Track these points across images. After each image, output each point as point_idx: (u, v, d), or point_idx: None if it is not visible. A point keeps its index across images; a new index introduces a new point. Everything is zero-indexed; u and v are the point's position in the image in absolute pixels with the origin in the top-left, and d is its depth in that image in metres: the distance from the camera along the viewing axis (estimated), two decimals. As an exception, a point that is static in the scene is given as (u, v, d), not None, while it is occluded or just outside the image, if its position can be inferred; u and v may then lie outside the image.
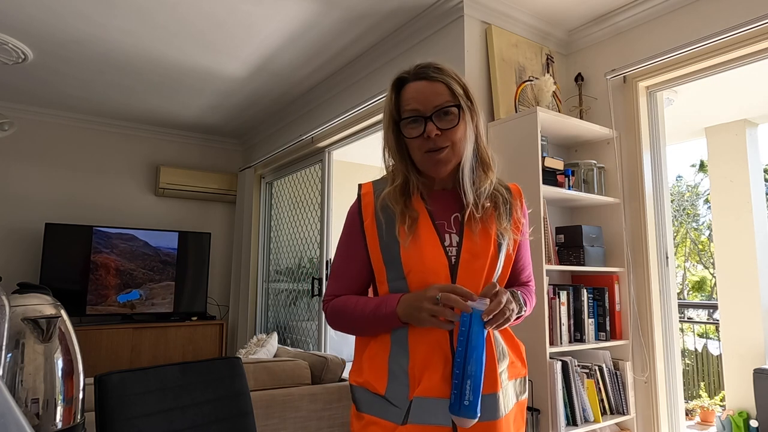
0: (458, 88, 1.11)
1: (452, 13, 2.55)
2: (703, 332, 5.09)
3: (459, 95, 1.11)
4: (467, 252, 1.11)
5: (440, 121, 1.09)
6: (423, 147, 1.10)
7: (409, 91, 1.12)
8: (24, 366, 1.04)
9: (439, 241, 1.11)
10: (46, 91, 3.84)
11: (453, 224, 1.15)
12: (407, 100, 1.12)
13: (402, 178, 1.14)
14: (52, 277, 3.94)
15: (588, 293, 2.39)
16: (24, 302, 1.09)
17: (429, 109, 1.09)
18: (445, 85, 1.11)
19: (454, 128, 1.10)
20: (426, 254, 1.09)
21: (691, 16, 2.36)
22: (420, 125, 1.10)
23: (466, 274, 1.10)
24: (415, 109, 1.10)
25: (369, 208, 1.16)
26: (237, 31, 2.90)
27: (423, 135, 1.09)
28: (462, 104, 1.11)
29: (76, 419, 1.12)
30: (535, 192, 2.20)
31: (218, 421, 1.50)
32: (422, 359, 1.07)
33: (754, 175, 3.95)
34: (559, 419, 2.09)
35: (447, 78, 1.11)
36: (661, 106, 2.62)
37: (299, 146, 3.94)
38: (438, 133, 1.09)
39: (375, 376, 1.11)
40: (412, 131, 1.11)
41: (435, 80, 1.11)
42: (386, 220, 1.13)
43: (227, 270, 5.01)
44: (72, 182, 4.39)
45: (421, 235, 1.10)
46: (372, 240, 1.14)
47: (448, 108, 1.10)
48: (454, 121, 1.10)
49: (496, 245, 1.13)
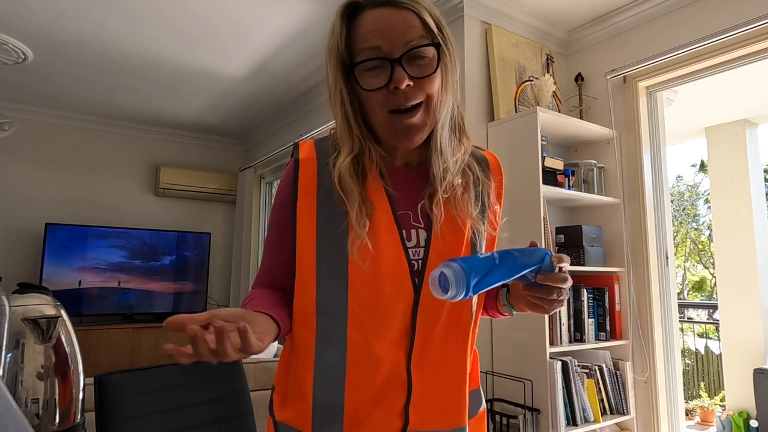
0: (431, 21, 0.80)
1: (452, 13, 2.55)
2: (703, 332, 5.09)
3: (434, 31, 0.80)
4: (437, 254, 0.83)
5: (411, 67, 0.78)
6: (388, 104, 0.79)
7: (368, 20, 0.79)
8: (24, 366, 1.04)
9: (399, 239, 0.82)
10: (46, 91, 3.84)
11: (420, 216, 0.85)
12: (365, 34, 0.79)
13: (356, 147, 0.82)
14: (52, 277, 3.93)
15: (588, 293, 2.39)
16: (24, 302, 1.09)
17: (397, 48, 0.77)
18: (416, 14, 0.79)
19: (431, 76, 0.79)
20: (382, 258, 0.80)
21: (691, 16, 2.36)
22: (384, 71, 0.78)
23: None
24: (376, 47, 0.78)
25: (307, 180, 0.84)
26: (237, 31, 2.89)
27: (388, 86, 0.78)
28: (440, 42, 0.80)
29: (76, 419, 1.12)
30: (535, 192, 2.20)
31: (218, 421, 1.50)
32: (365, 395, 0.81)
33: (754, 175, 3.95)
34: (559, 419, 2.09)
35: (418, 5, 0.80)
36: (661, 106, 2.62)
37: (299, 146, 3.94)
38: (410, 84, 0.77)
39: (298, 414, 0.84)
40: (372, 80, 0.79)
41: (404, 7, 0.79)
42: (330, 204, 0.82)
43: (227, 270, 5.01)
44: (72, 182, 4.39)
45: (378, 232, 0.81)
46: (305, 227, 0.83)
47: (423, 47, 0.78)
48: (431, 67, 0.79)
49: (469, 242, 0.86)
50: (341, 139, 0.83)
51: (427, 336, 0.83)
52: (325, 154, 0.85)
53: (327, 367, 0.82)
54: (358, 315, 0.81)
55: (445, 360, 0.84)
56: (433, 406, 0.83)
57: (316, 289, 0.82)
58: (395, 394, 0.81)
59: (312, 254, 0.82)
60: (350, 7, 0.81)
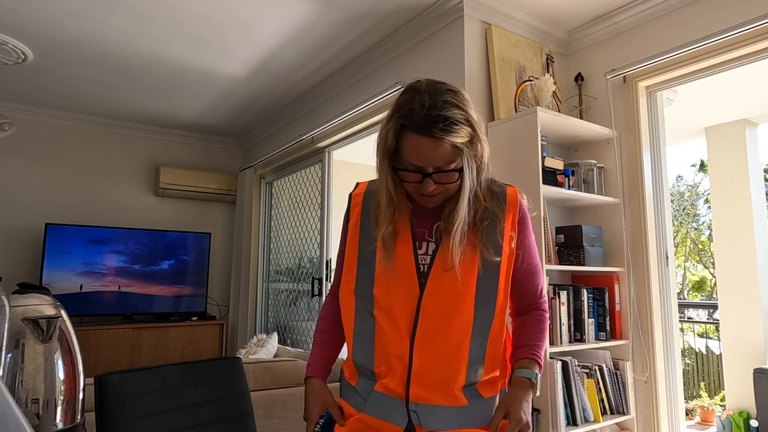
0: (463, 138, 1.03)
1: (452, 13, 2.55)
2: (703, 332, 5.09)
3: (463, 151, 1.04)
4: (440, 262, 1.09)
5: (439, 176, 1.04)
6: (418, 190, 1.08)
7: (410, 144, 1.03)
8: (24, 366, 1.04)
9: (412, 247, 1.11)
10: (46, 91, 3.84)
11: (434, 233, 1.14)
12: (407, 153, 1.04)
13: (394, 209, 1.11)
14: (52, 278, 3.93)
15: (588, 293, 2.39)
16: (24, 302, 1.09)
17: (429, 168, 1.03)
18: (450, 144, 1.02)
19: (454, 182, 1.07)
20: (396, 259, 1.10)
21: (691, 16, 2.36)
22: (418, 176, 1.05)
23: (437, 284, 1.08)
24: (415, 164, 1.04)
25: (356, 209, 1.20)
26: (236, 31, 2.90)
27: (420, 183, 1.06)
28: (465, 164, 1.04)
29: (76, 419, 1.12)
30: (535, 192, 2.20)
31: (218, 422, 1.50)
32: (386, 359, 1.10)
33: (754, 174, 3.95)
34: (559, 419, 2.09)
35: (452, 136, 1.01)
36: (661, 106, 2.62)
37: (299, 146, 3.94)
38: (435, 187, 1.05)
39: (351, 370, 1.17)
40: (408, 177, 1.06)
41: (440, 140, 1.01)
42: (368, 222, 1.16)
43: (227, 270, 5.02)
44: (72, 182, 4.39)
45: (398, 242, 1.11)
46: (352, 237, 1.19)
47: (448, 172, 1.04)
48: (453, 178, 1.06)
49: (481, 255, 1.10)
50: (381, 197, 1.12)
51: (428, 324, 1.08)
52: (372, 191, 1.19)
53: (361, 335, 1.14)
54: (379, 300, 1.11)
55: (444, 346, 1.07)
56: (430, 382, 1.07)
57: (356, 280, 1.16)
58: (401, 368, 1.08)
59: (354, 255, 1.17)
60: (401, 125, 1.05)
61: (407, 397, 1.07)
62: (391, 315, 1.09)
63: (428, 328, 1.07)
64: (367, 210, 1.17)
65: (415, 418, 1.06)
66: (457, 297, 1.08)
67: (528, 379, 1.12)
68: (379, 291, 1.11)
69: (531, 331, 1.20)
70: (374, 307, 1.11)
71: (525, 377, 1.13)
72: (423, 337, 1.07)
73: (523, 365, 1.15)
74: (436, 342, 1.07)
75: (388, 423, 1.08)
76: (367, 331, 1.12)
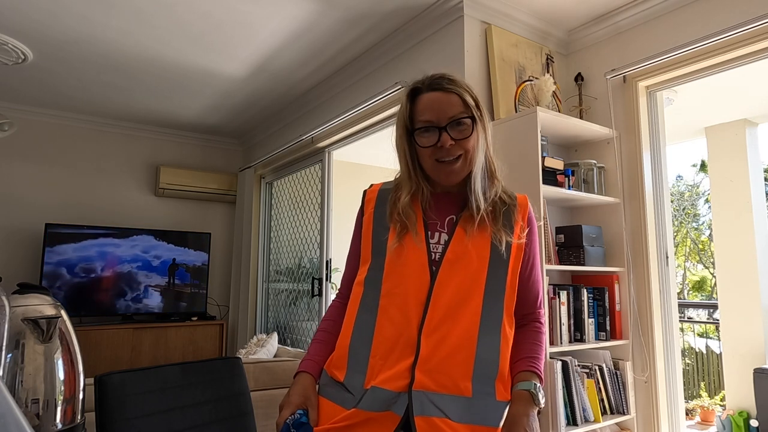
0: (470, 100, 1.14)
1: (452, 13, 2.55)
2: (703, 332, 5.09)
3: (471, 107, 1.14)
4: (452, 252, 1.12)
5: (454, 131, 1.12)
6: (435, 155, 1.13)
7: (424, 101, 1.14)
8: (24, 366, 1.04)
9: (424, 237, 1.14)
10: (46, 91, 3.84)
11: (446, 225, 1.17)
12: (421, 111, 1.14)
13: (413, 186, 1.17)
14: (52, 278, 3.94)
15: (588, 293, 2.39)
16: (24, 302, 1.09)
17: (443, 120, 1.11)
18: (458, 96, 1.13)
19: (468, 138, 1.13)
20: (406, 247, 1.13)
21: (691, 15, 2.36)
22: (434, 135, 1.12)
23: (448, 273, 1.10)
24: (429, 120, 1.12)
25: (371, 204, 1.24)
26: (236, 31, 2.90)
27: (437, 144, 1.11)
28: (474, 115, 1.14)
29: (76, 419, 1.12)
30: (535, 192, 2.20)
31: (218, 421, 1.50)
32: (385, 350, 1.08)
33: (754, 174, 3.95)
34: (559, 419, 2.09)
35: (460, 89, 1.14)
36: (661, 106, 2.62)
37: (299, 146, 3.94)
38: (452, 143, 1.11)
39: (338, 363, 1.15)
40: (425, 140, 1.13)
41: (449, 91, 1.13)
42: (382, 215, 1.20)
43: (227, 270, 5.02)
44: (72, 182, 4.40)
45: (409, 231, 1.14)
46: (366, 230, 1.22)
47: (462, 119, 1.12)
48: (467, 132, 1.12)
49: (492, 250, 1.13)
50: (403, 181, 1.19)
51: (437, 312, 1.08)
52: (386, 189, 1.24)
53: (362, 323, 1.14)
54: (389, 288, 1.13)
55: (452, 335, 1.07)
56: (436, 371, 1.06)
57: (368, 270, 1.18)
58: (406, 355, 1.07)
59: (369, 247, 1.20)
60: (413, 91, 1.18)
61: (411, 384, 1.05)
62: (401, 302, 1.10)
63: (437, 315, 1.08)
64: (382, 204, 1.21)
65: (418, 407, 1.03)
66: (467, 286, 1.10)
67: (527, 391, 1.10)
68: (389, 279, 1.13)
69: (529, 344, 1.19)
70: (382, 295, 1.13)
71: (524, 389, 1.11)
72: (432, 325, 1.07)
73: (523, 378, 1.13)
74: (444, 330, 1.07)
75: (385, 413, 1.05)
76: (368, 320, 1.13)
